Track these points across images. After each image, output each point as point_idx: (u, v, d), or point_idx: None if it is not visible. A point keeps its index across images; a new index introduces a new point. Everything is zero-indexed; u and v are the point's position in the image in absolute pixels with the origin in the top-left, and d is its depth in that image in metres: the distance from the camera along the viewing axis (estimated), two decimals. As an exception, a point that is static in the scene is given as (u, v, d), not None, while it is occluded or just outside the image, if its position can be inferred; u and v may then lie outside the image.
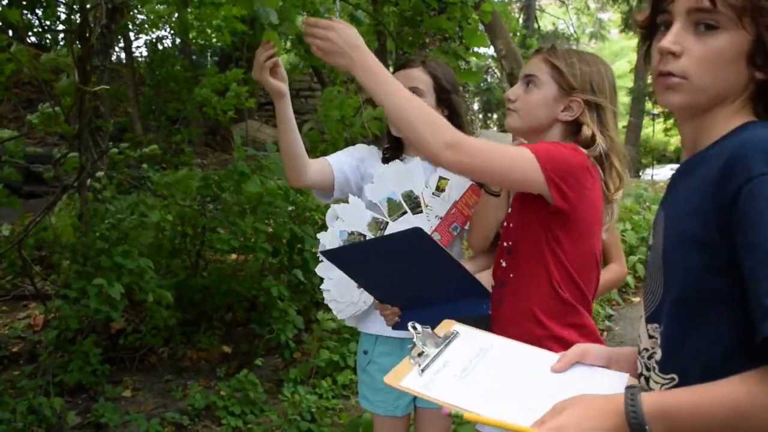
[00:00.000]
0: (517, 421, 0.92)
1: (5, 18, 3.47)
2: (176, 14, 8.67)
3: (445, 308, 1.66)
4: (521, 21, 17.93)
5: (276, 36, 1.74)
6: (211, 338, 4.25)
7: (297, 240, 4.33)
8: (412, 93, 1.88)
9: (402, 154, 2.00)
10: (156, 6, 8.37)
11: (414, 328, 1.09)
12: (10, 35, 3.91)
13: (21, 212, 4.66)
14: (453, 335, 1.12)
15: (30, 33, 5.07)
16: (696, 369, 0.92)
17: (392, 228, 1.89)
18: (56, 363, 3.59)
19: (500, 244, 1.64)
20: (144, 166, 5.35)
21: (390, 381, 1.00)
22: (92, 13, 3.71)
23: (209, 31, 8.88)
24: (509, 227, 1.61)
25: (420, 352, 1.05)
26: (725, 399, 0.84)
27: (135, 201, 4.30)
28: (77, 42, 3.66)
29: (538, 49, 1.65)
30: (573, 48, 1.63)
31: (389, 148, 2.02)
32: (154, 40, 10.08)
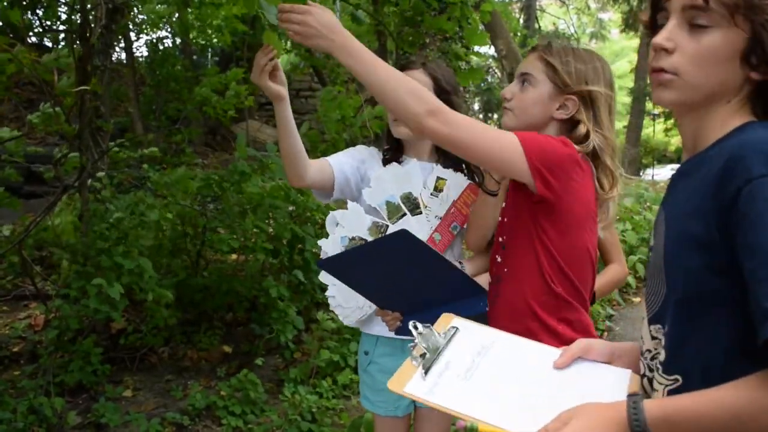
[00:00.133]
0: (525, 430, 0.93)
1: (6, 18, 3.47)
2: (177, 14, 8.68)
3: (444, 310, 1.67)
4: (522, 21, 17.93)
5: (276, 37, 1.74)
6: (212, 338, 4.26)
7: (297, 240, 4.33)
8: None
9: (402, 156, 2.00)
10: (156, 6, 8.38)
11: (415, 328, 1.08)
12: (11, 35, 3.90)
13: (21, 212, 4.67)
14: (453, 332, 1.11)
15: (30, 33, 5.06)
16: (698, 370, 0.92)
17: (393, 231, 1.89)
18: (57, 363, 3.59)
19: (495, 240, 1.64)
20: (144, 166, 5.36)
21: (393, 387, 0.99)
22: (92, 14, 3.71)
23: (209, 32, 8.89)
24: (503, 221, 1.61)
25: (422, 353, 1.05)
26: (726, 405, 0.84)
27: (134, 200, 4.30)
28: (77, 42, 3.67)
29: (534, 47, 1.65)
30: (570, 45, 1.62)
31: (389, 150, 2.03)
32: (155, 40, 10.09)
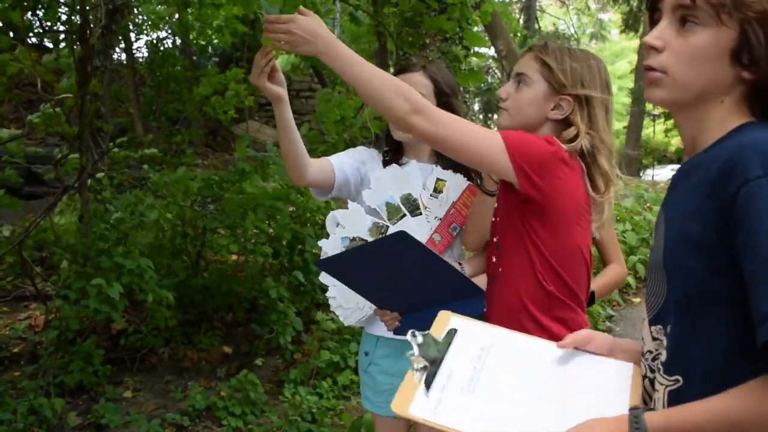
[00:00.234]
0: None
1: (7, 19, 3.48)
2: (176, 15, 8.68)
3: (443, 310, 1.67)
4: (522, 21, 17.93)
5: None
6: (212, 339, 4.26)
7: (297, 241, 4.33)
8: None
9: (401, 158, 2.01)
10: (156, 7, 8.38)
11: (414, 336, 1.07)
12: (11, 36, 3.90)
13: (22, 213, 4.67)
14: (451, 334, 1.11)
15: (30, 34, 5.07)
16: (699, 370, 0.92)
17: (393, 231, 1.89)
18: (57, 364, 3.60)
19: (490, 240, 1.65)
20: (144, 167, 5.36)
21: (397, 409, 0.99)
22: (92, 14, 3.71)
23: (209, 32, 8.89)
24: (496, 221, 1.62)
25: (423, 365, 1.04)
26: (726, 414, 0.85)
27: (134, 200, 4.29)
28: (77, 43, 3.67)
29: (530, 47, 1.65)
30: (566, 45, 1.62)
31: (389, 152, 2.03)
32: (155, 41, 10.09)
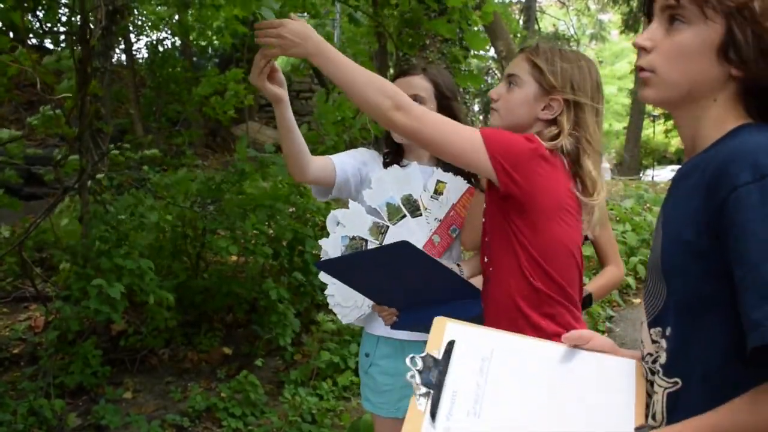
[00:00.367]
0: None
1: (8, 20, 3.48)
2: (176, 16, 8.69)
3: (442, 310, 1.68)
4: (522, 22, 17.93)
5: None
6: (212, 340, 4.26)
7: (297, 242, 4.33)
8: (414, 101, 1.90)
9: (402, 159, 2.01)
10: (156, 8, 8.38)
11: (413, 361, 1.04)
12: (11, 37, 3.90)
13: (21, 214, 4.67)
14: (449, 348, 1.08)
15: (30, 35, 5.07)
16: (697, 372, 0.92)
17: (393, 231, 1.90)
18: (57, 365, 3.59)
19: (482, 240, 1.66)
20: (144, 168, 5.36)
21: None
22: (92, 15, 3.71)
23: (209, 33, 8.90)
24: (485, 222, 1.63)
25: (425, 391, 1.02)
26: (730, 428, 0.85)
27: (134, 201, 4.29)
28: (77, 44, 3.66)
29: (522, 49, 1.66)
30: (556, 46, 1.62)
31: (389, 153, 2.03)
32: (155, 42, 10.09)
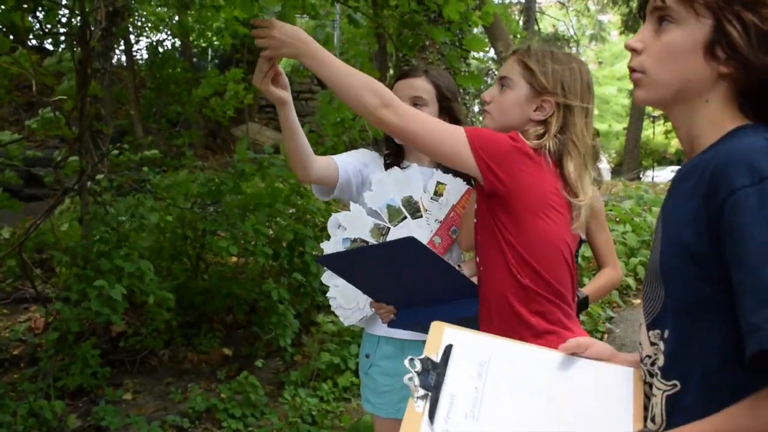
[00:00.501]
0: None
1: (9, 21, 3.47)
2: (176, 17, 8.69)
3: (440, 309, 1.69)
4: (521, 23, 17.94)
5: None
6: (212, 340, 4.25)
7: (297, 243, 4.33)
8: (416, 103, 1.91)
9: (402, 161, 2.01)
10: (156, 9, 8.39)
11: (411, 363, 1.04)
12: (11, 38, 3.90)
13: (21, 215, 4.67)
14: (448, 352, 1.08)
15: (30, 36, 5.07)
16: (696, 375, 0.92)
17: (394, 233, 1.91)
18: (57, 366, 3.59)
19: (475, 241, 1.66)
20: (144, 169, 5.36)
21: None
22: (92, 17, 3.71)
23: (209, 34, 8.90)
24: (476, 222, 1.64)
25: (423, 393, 1.02)
26: None
27: (134, 203, 4.29)
28: (77, 45, 3.66)
29: (514, 51, 1.67)
30: (548, 48, 1.63)
31: (389, 155, 2.03)
32: (155, 43, 10.10)
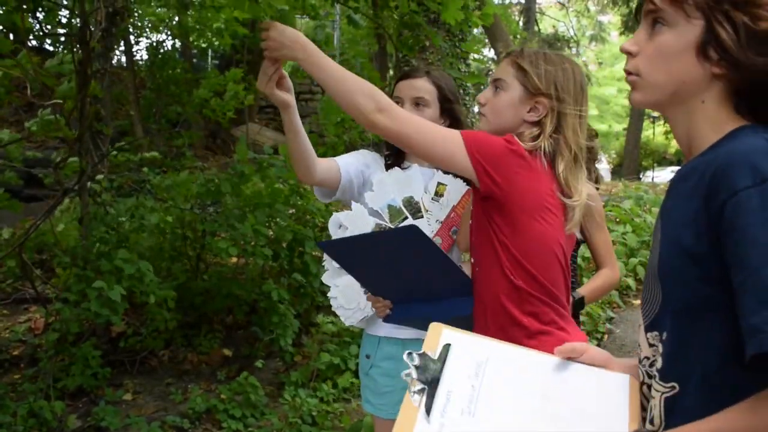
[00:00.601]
0: None
1: (10, 22, 3.48)
2: (176, 18, 8.69)
3: (436, 307, 1.70)
4: (521, 24, 17.95)
5: None
6: (212, 341, 4.25)
7: (297, 243, 4.33)
8: (418, 103, 1.92)
9: (403, 161, 2.01)
10: (156, 9, 8.39)
11: (410, 357, 1.05)
12: (12, 39, 3.91)
13: (22, 215, 4.67)
14: (446, 350, 1.09)
15: (30, 37, 5.07)
16: (695, 377, 0.92)
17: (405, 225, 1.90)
18: (57, 366, 3.59)
19: (470, 241, 1.67)
20: (144, 170, 5.36)
21: None
22: (92, 17, 3.71)
23: (209, 35, 8.91)
24: (471, 224, 1.64)
25: (421, 387, 1.03)
26: None
27: (134, 204, 4.30)
28: (77, 46, 3.66)
29: (508, 53, 1.68)
30: (541, 50, 1.64)
31: (390, 155, 2.03)
32: (155, 44, 10.10)
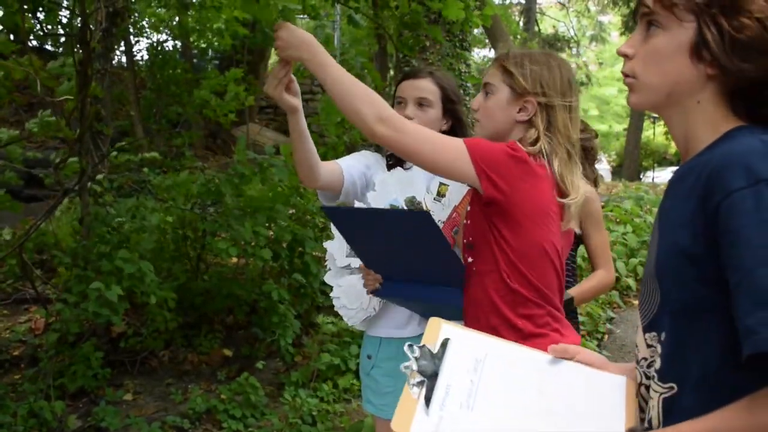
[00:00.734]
0: None
1: (13, 23, 3.48)
2: (177, 18, 8.69)
3: (426, 291, 1.71)
4: (522, 24, 17.97)
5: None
6: (212, 341, 4.25)
7: (297, 243, 4.33)
8: (421, 104, 1.92)
9: (405, 162, 2.01)
10: (156, 10, 8.39)
11: (410, 349, 1.06)
12: (12, 39, 3.91)
13: (22, 216, 4.67)
14: (445, 344, 1.10)
15: (31, 37, 5.07)
16: (693, 377, 0.92)
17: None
18: (57, 367, 3.59)
19: (463, 242, 1.68)
20: (145, 170, 5.36)
21: (398, 428, 1.00)
22: (93, 17, 3.71)
23: (210, 35, 8.91)
24: (467, 224, 1.66)
25: (420, 380, 1.04)
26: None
27: (135, 204, 4.30)
28: (78, 46, 3.66)
29: (496, 58, 1.70)
30: (527, 50, 1.66)
31: (392, 156, 2.03)
32: (155, 44, 10.10)
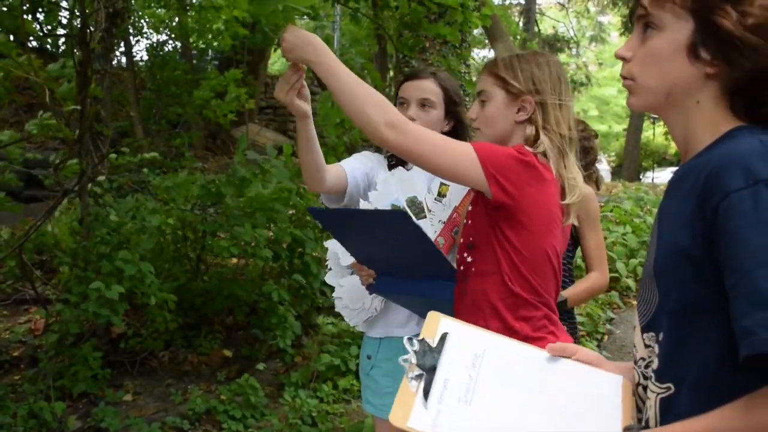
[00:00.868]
0: None
1: (13, 25, 3.48)
2: (176, 18, 8.69)
3: (420, 284, 1.72)
4: (521, 24, 17.98)
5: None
6: (212, 342, 4.25)
7: (297, 244, 4.33)
8: (424, 105, 1.92)
9: (406, 163, 2.01)
10: (156, 10, 8.39)
11: (410, 342, 1.07)
12: (12, 40, 3.91)
13: (22, 216, 4.67)
14: (444, 338, 1.12)
15: (31, 38, 5.07)
16: (690, 377, 0.92)
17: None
18: (57, 367, 3.59)
19: (461, 241, 1.68)
20: (145, 171, 5.36)
21: (396, 421, 1.01)
22: (92, 18, 3.71)
23: (209, 35, 8.91)
24: (468, 224, 1.66)
25: (419, 373, 1.05)
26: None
27: (135, 205, 4.29)
28: (78, 46, 3.66)
29: (484, 66, 1.71)
30: (514, 52, 1.68)
31: (393, 156, 2.03)
32: (155, 45, 10.11)
